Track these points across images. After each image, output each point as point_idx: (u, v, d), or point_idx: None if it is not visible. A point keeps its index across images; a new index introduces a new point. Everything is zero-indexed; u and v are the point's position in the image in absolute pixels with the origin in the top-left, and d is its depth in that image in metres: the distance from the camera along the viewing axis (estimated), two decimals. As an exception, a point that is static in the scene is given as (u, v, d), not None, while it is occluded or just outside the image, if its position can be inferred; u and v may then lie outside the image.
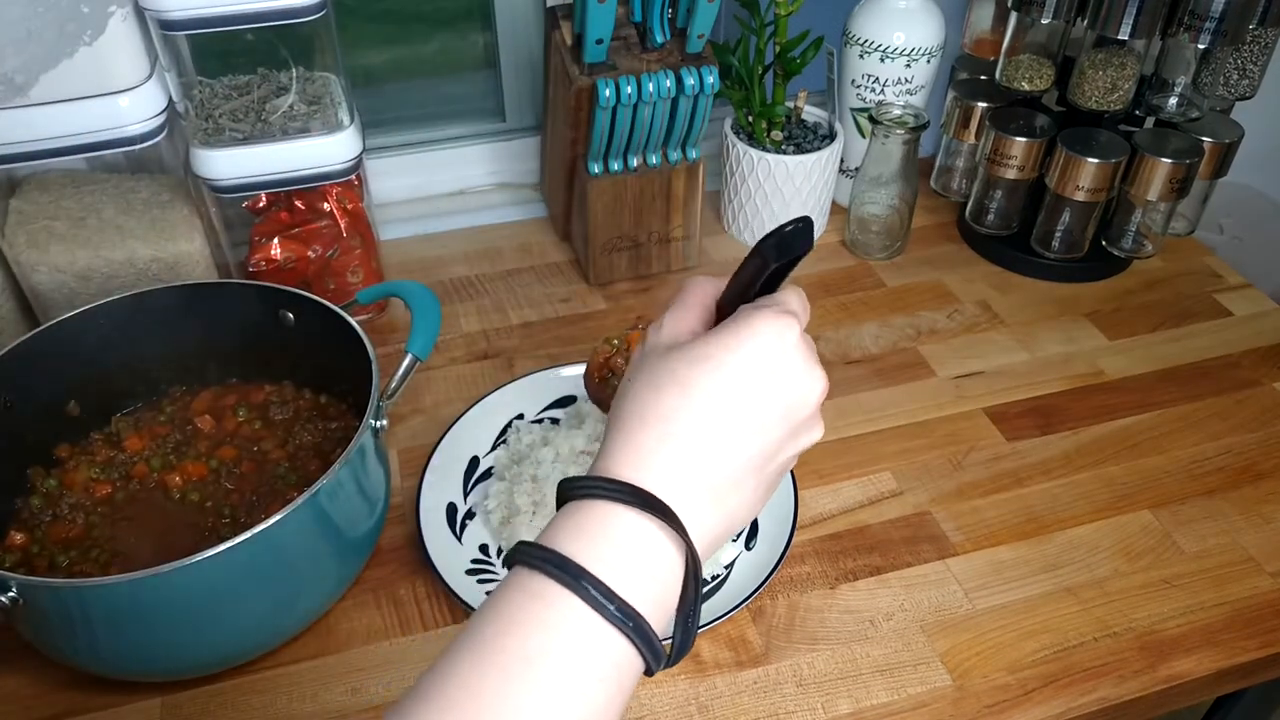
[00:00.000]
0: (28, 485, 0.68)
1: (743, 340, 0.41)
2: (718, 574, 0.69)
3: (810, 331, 0.91)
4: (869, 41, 0.95)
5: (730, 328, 0.41)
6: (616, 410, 0.42)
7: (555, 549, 0.37)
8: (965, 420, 0.82)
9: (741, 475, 0.41)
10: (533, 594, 0.37)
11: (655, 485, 0.39)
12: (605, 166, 0.88)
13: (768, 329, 0.41)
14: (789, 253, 0.41)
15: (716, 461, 0.40)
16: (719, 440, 0.40)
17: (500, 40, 1.03)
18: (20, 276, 0.77)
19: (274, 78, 0.80)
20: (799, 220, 0.40)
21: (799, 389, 0.42)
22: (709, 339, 0.41)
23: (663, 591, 0.39)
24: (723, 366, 0.40)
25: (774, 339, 0.41)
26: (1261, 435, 0.81)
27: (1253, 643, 0.66)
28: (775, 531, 0.70)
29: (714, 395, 0.40)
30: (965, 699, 0.62)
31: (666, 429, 0.40)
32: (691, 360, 0.41)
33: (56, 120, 0.70)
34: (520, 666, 0.35)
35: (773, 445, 0.41)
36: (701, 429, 0.40)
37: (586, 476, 0.40)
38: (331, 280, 0.87)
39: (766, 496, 0.43)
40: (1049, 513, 0.74)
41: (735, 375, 0.40)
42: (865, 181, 0.96)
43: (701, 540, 0.40)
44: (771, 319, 0.41)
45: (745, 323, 0.41)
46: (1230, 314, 0.94)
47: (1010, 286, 0.97)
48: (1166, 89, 0.93)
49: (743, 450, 0.40)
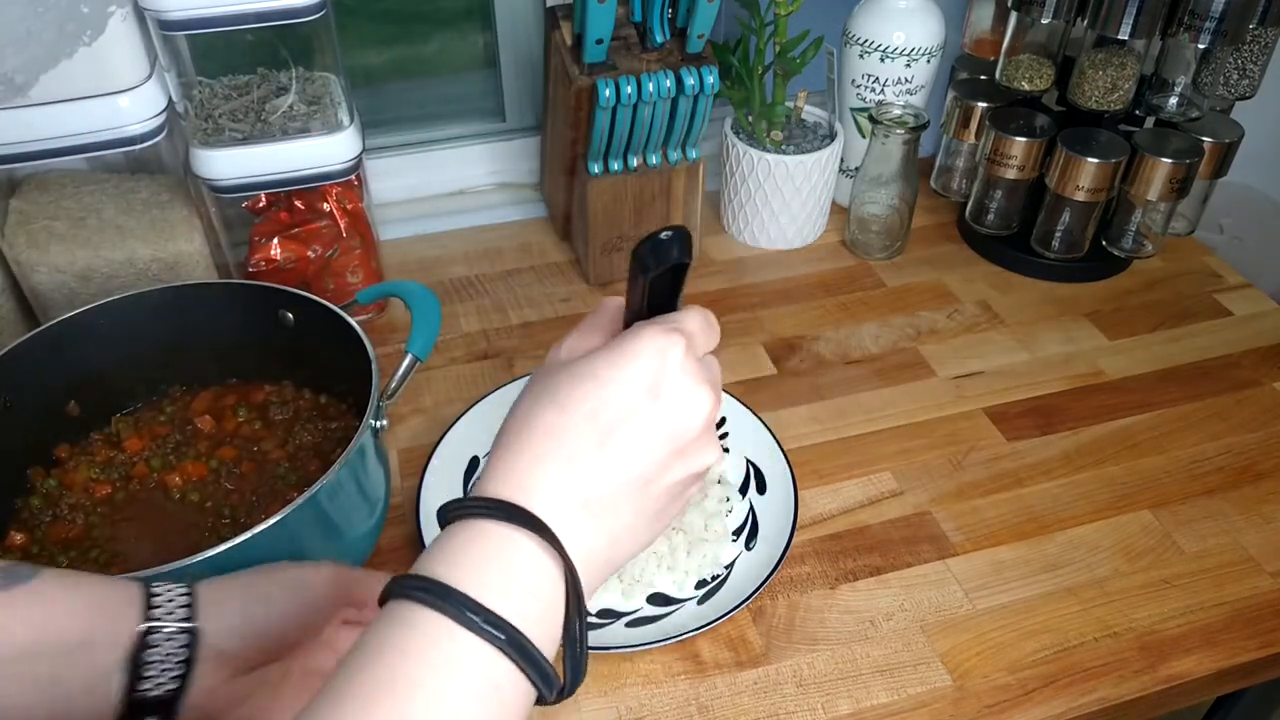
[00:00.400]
0: (28, 485, 0.68)
1: (624, 357, 0.40)
2: (718, 574, 0.69)
3: (810, 331, 0.92)
4: (869, 41, 0.95)
5: (614, 344, 0.41)
6: (502, 429, 0.41)
7: (422, 574, 0.36)
8: (965, 420, 0.82)
9: (622, 495, 0.40)
10: (400, 621, 0.35)
11: (529, 501, 0.38)
12: (605, 166, 0.88)
13: (650, 346, 0.40)
14: (663, 260, 0.40)
15: (594, 479, 0.39)
16: (597, 459, 0.39)
17: (500, 40, 1.03)
18: (20, 276, 0.77)
19: (274, 78, 0.80)
20: (673, 228, 0.40)
21: (683, 408, 0.40)
22: (592, 356, 0.41)
23: (543, 609, 0.37)
24: (603, 384, 0.39)
25: (654, 357, 0.40)
26: (1262, 435, 0.81)
27: (1253, 643, 0.66)
28: (776, 531, 0.70)
29: (592, 413, 0.39)
30: (965, 699, 0.62)
31: (542, 447, 0.39)
32: (572, 377, 0.40)
33: (56, 120, 0.70)
34: (386, 693, 0.33)
35: (654, 466, 0.40)
36: (578, 447, 0.39)
37: (462, 497, 0.39)
38: (331, 280, 0.87)
39: (657, 522, 0.42)
40: (1049, 513, 0.74)
41: (614, 393, 0.39)
42: (865, 181, 0.96)
43: (583, 562, 0.39)
44: (654, 336, 0.40)
45: (628, 341, 0.40)
46: (1230, 314, 0.94)
47: (1010, 286, 0.97)
48: (1166, 89, 0.93)
49: (622, 469, 0.39)
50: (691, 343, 0.41)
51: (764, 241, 1.01)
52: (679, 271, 0.42)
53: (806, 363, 0.87)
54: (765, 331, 0.90)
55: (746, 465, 0.76)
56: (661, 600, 0.68)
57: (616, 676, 0.63)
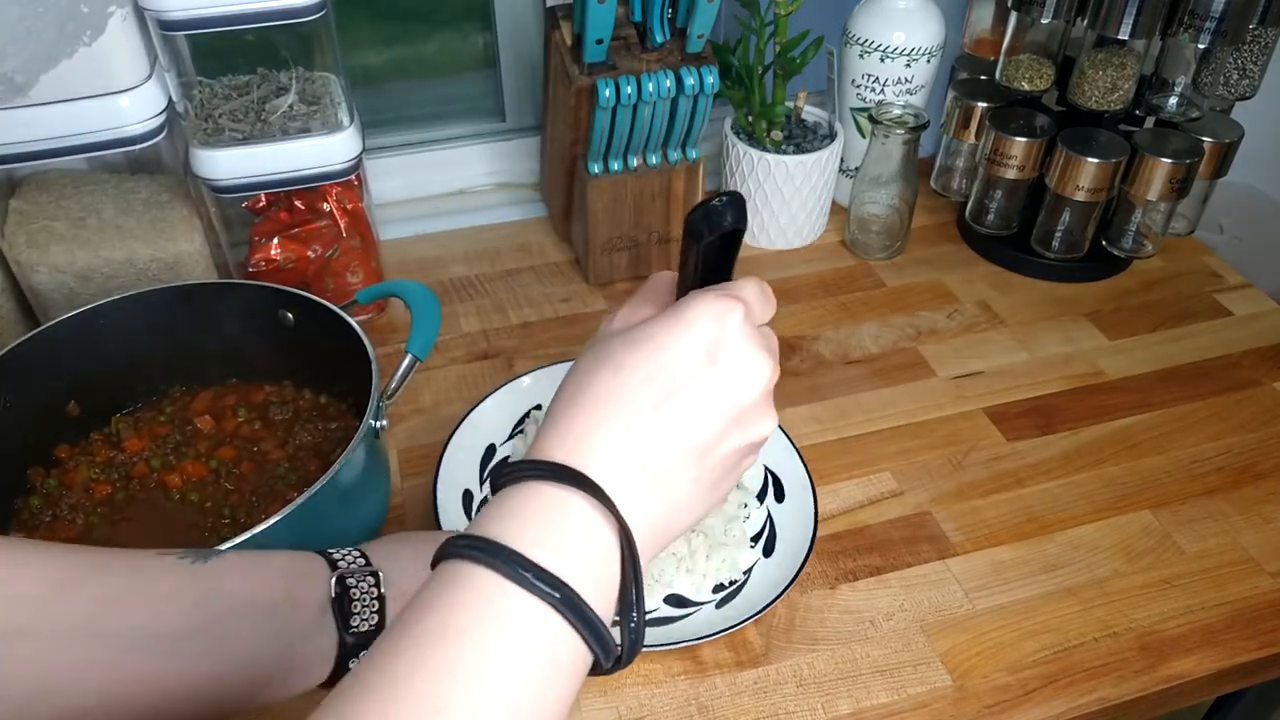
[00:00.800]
0: (28, 485, 0.68)
1: (681, 322, 0.40)
2: (736, 579, 0.69)
3: (810, 331, 0.92)
4: (869, 41, 0.95)
5: (671, 311, 0.40)
6: (556, 396, 0.41)
7: (475, 533, 0.36)
8: (965, 420, 0.82)
9: (680, 461, 0.39)
10: (451, 580, 0.35)
11: (584, 464, 0.37)
12: (605, 166, 0.88)
13: (707, 311, 0.40)
14: (717, 226, 0.40)
15: (651, 444, 0.38)
16: (654, 422, 0.38)
17: (500, 40, 1.03)
18: (20, 276, 0.77)
19: (274, 78, 0.80)
20: (727, 193, 0.40)
21: (742, 375, 0.40)
22: (649, 323, 0.40)
23: (598, 572, 0.37)
24: (659, 349, 0.39)
25: (712, 322, 0.40)
26: (1262, 435, 0.81)
27: (1253, 643, 0.66)
28: (793, 540, 0.69)
29: (649, 377, 0.39)
30: (965, 699, 0.62)
31: (599, 411, 0.38)
32: (629, 343, 0.40)
33: (56, 120, 0.70)
34: (436, 643, 0.33)
35: (714, 433, 0.40)
36: (635, 411, 0.38)
37: (516, 461, 0.39)
38: (331, 280, 0.87)
39: (714, 492, 0.41)
40: (1049, 513, 0.74)
41: (672, 357, 0.39)
42: (865, 181, 0.96)
43: (640, 526, 0.38)
44: (712, 302, 0.40)
45: (685, 306, 0.40)
46: (1230, 314, 0.94)
47: (1010, 286, 0.97)
48: (1166, 89, 0.93)
49: (680, 434, 0.39)
50: (749, 310, 0.41)
51: (764, 241, 1.01)
52: (733, 240, 0.41)
53: (807, 363, 0.87)
54: (765, 331, 0.90)
55: (765, 472, 0.75)
56: (678, 602, 0.67)
57: (616, 676, 0.63)
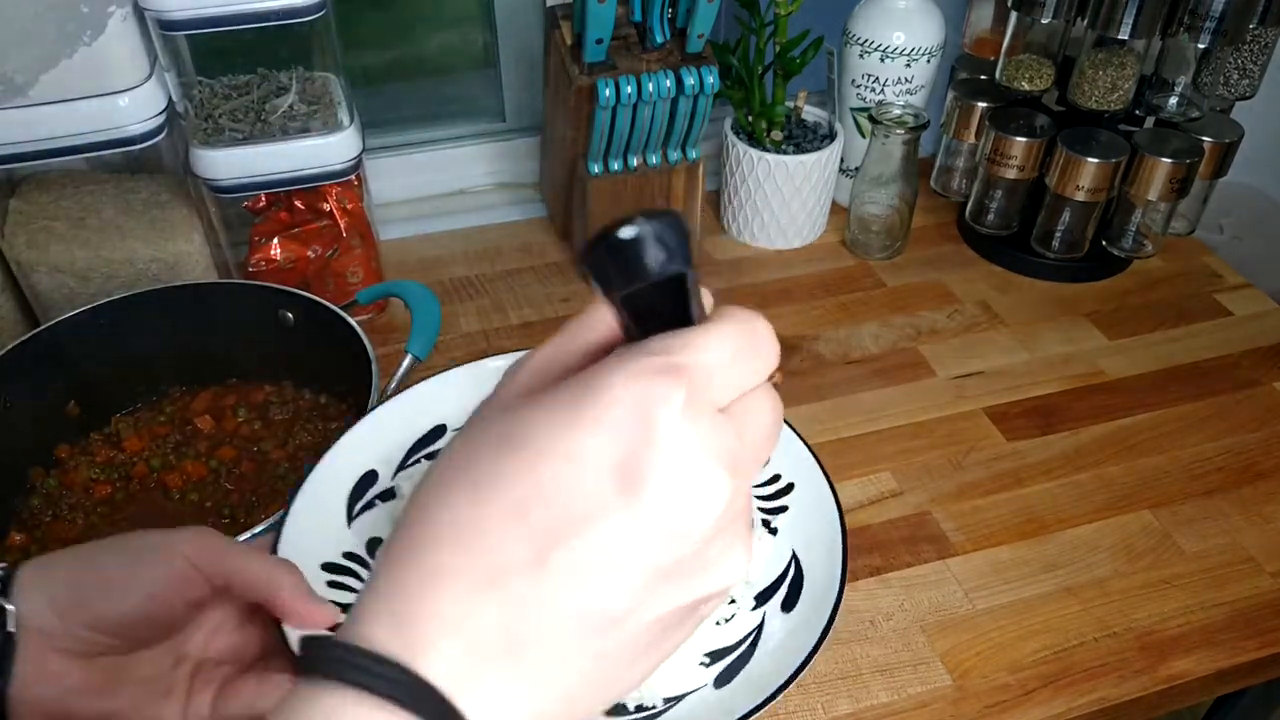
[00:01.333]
0: (28, 485, 0.68)
1: (580, 418, 0.25)
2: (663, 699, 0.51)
3: (810, 332, 0.92)
4: (869, 41, 0.95)
5: (569, 390, 0.26)
6: (405, 509, 0.27)
7: None
8: (965, 420, 0.82)
9: (576, 637, 0.26)
10: None
11: (417, 653, 0.25)
12: (605, 166, 0.88)
13: (624, 398, 0.25)
14: (632, 271, 0.24)
15: (527, 614, 0.25)
16: (530, 583, 0.25)
17: (500, 40, 1.03)
18: (20, 276, 0.77)
19: (273, 77, 0.80)
20: (650, 215, 0.24)
21: (677, 506, 0.25)
22: (538, 403, 0.26)
23: None
24: (541, 460, 0.25)
25: (630, 419, 0.25)
26: (1261, 435, 0.81)
27: (1253, 643, 0.66)
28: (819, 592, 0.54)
29: (521, 509, 0.25)
30: (965, 699, 0.62)
31: (445, 560, 0.25)
32: (501, 444, 0.26)
33: (56, 120, 0.70)
34: None
35: (629, 596, 0.26)
36: (500, 562, 0.25)
37: (322, 637, 0.26)
38: (331, 280, 0.87)
39: (639, 663, 0.27)
40: (1049, 513, 0.74)
41: (560, 479, 0.25)
42: (865, 181, 0.96)
43: None
44: (631, 382, 0.25)
45: (589, 387, 0.25)
46: (1230, 314, 0.94)
47: (1010, 286, 0.97)
48: (1167, 89, 0.93)
49: (573, 601, 0.25)
50: (702, 385, 0.25)
51: (764, 241, 1.01)
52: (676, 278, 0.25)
53: (807, 363, 0.87)
54: (765, 331, 0.90)
55: (790, 559, 0.58)
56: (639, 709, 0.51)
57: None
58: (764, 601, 0.56)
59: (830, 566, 0.55)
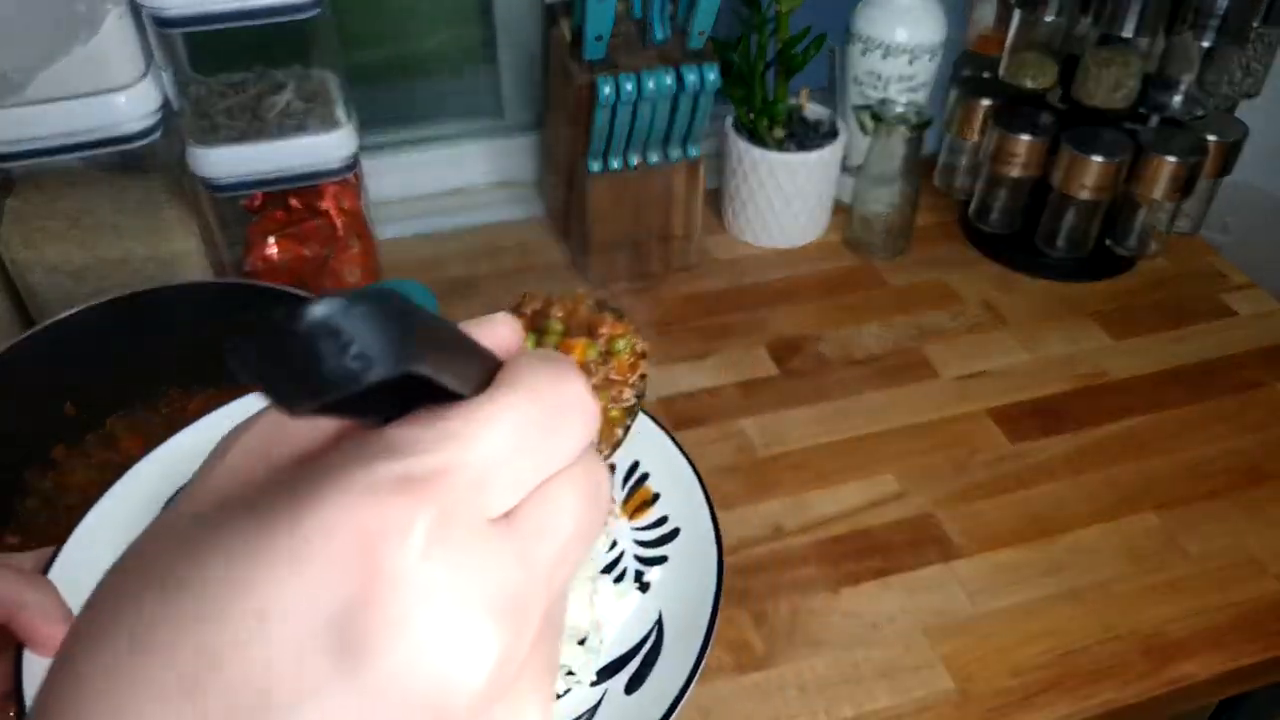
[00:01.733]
0: (23, 486, 0.67)
1: (276, 551, 0.18)
2: None
3: (812, 332, 0.92)
4: (871, 38, 0.94)
5: (271, 509, 0.18)
6: (64, 640, 0.20)
7: None
8: (969, 421, 0.81)
9: None
10: None
11: None
12: (605, 164, 0.87)
13: (339, 530, 0.18)
14: (314, 385, 0.16)
15: None
16: None
17: (499, 37, 1.02)
18: (15, 276, 0.76)
19: (270, 75, 0.80)
20: (335, 299, 0.16)
21: (419, 670, 0.18)
22: (229, 524, 0.19)
23: None
24: (224, 613, 0.18)
25: (346, 555, 0.17)
26: (1266, 436, 0.80)
27: (1257, 645, 0.66)
28: None
29: (189, 684, 0.17)
30: (968, 702, 0.62)
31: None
32: (168, 579, 0.18)
33: (52, 118, 0.69)
34: None
35: None
36: None
37: None
38: (329, 279, 0.86)
39: None
40: (1053, 515, 0.74)
41: (250, 637, 0.17)
42: (867, 179, 0.96)
43: None
44: (352, 507, 0.18)
45: (295, 507, 0.18)
46: (1235, 314, 0.93)
47: (1014, 286, 0.96)
48: (1171, 87, 0.92)
49: None
50: (466, 495, 0.19)
51: (765, 240, 1.00)
52: None
53: (809, 363, 0.87)
54: (767, 331, 0.90)
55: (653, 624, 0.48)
56: None
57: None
58: (608, 677, 0.46)
59: (691, 641, 0.45)
